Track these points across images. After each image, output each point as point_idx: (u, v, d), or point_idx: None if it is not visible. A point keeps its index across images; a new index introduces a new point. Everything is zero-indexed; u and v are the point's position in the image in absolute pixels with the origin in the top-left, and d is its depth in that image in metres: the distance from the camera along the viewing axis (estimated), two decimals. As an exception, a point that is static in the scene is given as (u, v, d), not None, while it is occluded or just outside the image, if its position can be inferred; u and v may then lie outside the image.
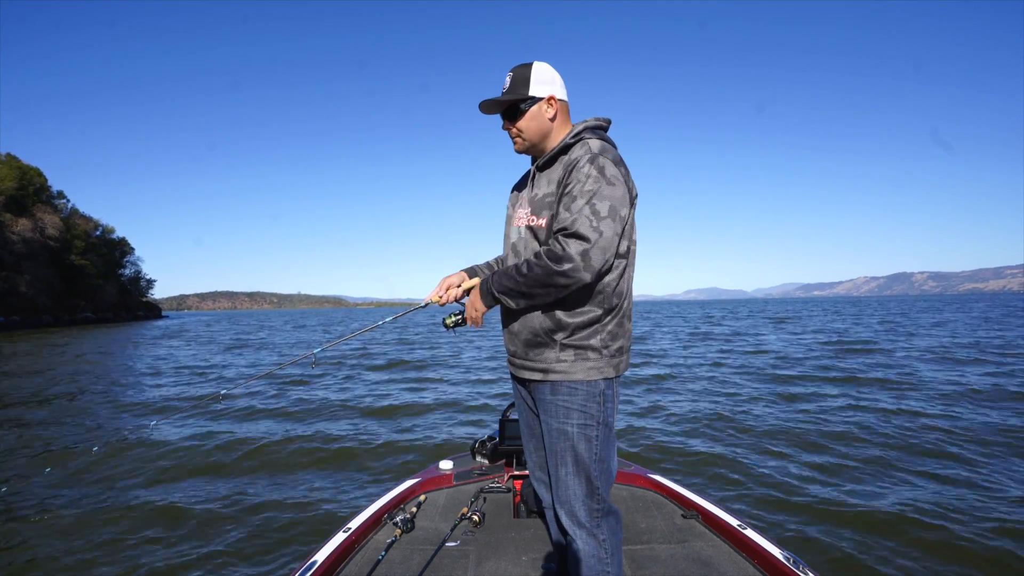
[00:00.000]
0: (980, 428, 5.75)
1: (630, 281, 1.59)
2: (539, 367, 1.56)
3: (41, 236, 55.73)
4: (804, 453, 5.00)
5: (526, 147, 1.65)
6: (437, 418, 7.03)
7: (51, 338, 29.05)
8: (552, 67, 1.64)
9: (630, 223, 1.54)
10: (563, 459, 1.55)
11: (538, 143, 1.64)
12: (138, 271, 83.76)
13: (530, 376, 1.59)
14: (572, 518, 1.57)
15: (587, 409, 1.53)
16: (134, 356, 17.82)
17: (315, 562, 2.02)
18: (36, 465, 5.20)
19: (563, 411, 1.54)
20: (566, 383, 1.53)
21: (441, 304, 1.75)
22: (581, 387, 1.52)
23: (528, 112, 1.61)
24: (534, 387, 1.61)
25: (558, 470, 1.57)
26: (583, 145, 1.54)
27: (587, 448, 1.53)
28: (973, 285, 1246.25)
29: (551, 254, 1.42)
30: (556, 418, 1.55)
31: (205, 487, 4.57)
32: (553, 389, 1.54)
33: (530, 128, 1.62)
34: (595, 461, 1.54)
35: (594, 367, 1.53)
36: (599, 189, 1.43)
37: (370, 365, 13.24)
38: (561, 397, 1.53)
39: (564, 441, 1.54)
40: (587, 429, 1.53)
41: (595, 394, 1.53)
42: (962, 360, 11.48)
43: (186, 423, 6.86)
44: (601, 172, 1.45)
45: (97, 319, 63.18)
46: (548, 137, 1.63)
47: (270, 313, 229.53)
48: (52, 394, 9.60)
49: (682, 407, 7.25)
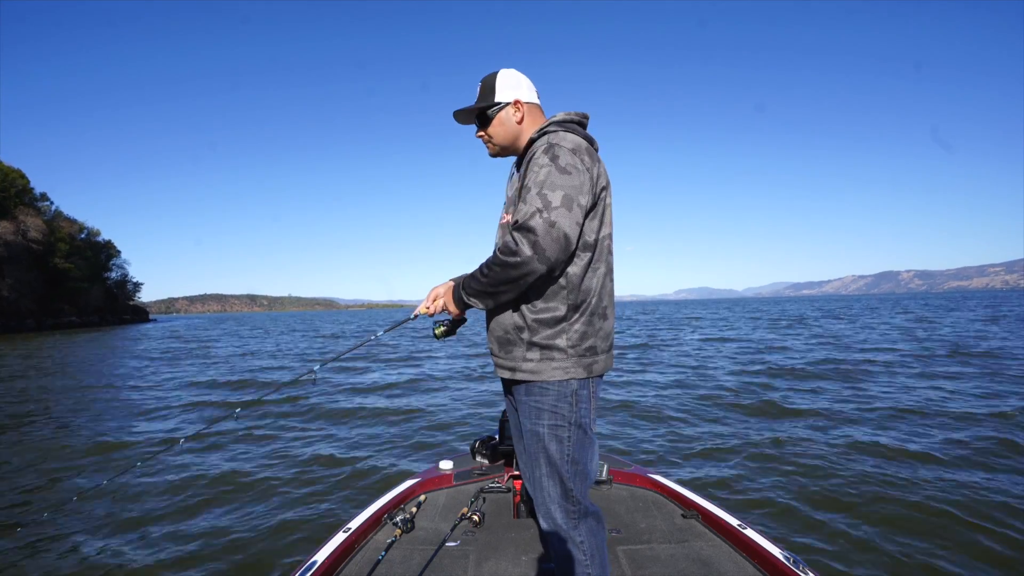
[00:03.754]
0: (988, 428, 5.82)
1: (602, 278, 1.54)
2: (508, 365, 1.55)
3: (23, 239, 54.84)
4: (805, 453, 5.02)
5: (497, 151, 1.70)
6: (436, 418, 6.99)
7: (27, 345, 28.12)
8: (519, 72, 1.67)
9: (600, 216, 1.52)
10: (536, 460, 1.55)
11: (509, 146, 1.68)
12: (125, 274, 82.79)
13: (501, 374, 1.60)
14: (549, 520, 1.56)
15: (558, 409, 1.51)
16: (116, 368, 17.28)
17: (315, 562, 2.01)
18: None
19: (535, 411, 1.53)
20: (537, 383, 1.52)
21: (430, 315, 1.72)
22: (552, 387, 1.51)
23: (496, 117, 1.65)
24: (513, 388, 1.60)
25: (533, 471, 1.57)
26: (543, 138, 1.54)
27: (558, 449, 1.52)
28: (958, 283, 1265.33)
29: (504, 249, 1.42)
30: (529, 418, 1.55)
31: (204, 487, 4.52)
32: (527, 390, 1.54)
33: (498, 132, 1.66)
34: (567, 463, 1.52)
35: (560, 367, 1.50)
36: (551, 179, 1.42)
37: (370, 364, 13.18)
38: (534, 398, 1.53)
39: (536, 442, 1.54)
40: (558, 430, 1.52)
41: (566, 395, 1.51)
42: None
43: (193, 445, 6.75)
44: (554, 161, 1.44)
45: (82, 323, 62.25)
46: (518, 139, 1.67)
47: (260, 316, 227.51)
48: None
49: (682, 407, 7.27)
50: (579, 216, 1.43)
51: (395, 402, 8.29)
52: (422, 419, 6.98)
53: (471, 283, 1.52)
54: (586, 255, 1.49)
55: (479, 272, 1.50)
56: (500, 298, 1.48)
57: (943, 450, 4.94)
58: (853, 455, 4.88)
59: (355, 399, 8.63)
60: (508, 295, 1.47)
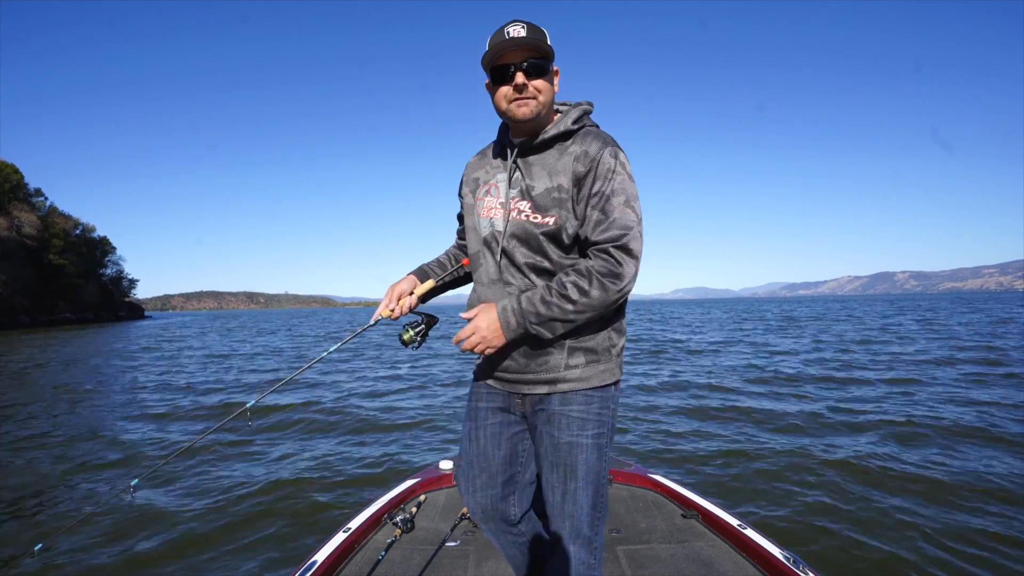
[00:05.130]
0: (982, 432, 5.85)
1: None
2: (545, 378, 1.38)
3: (18, 235, 54.52)
4: (805, 454, 5.03)
5: (536, 112, 1.35)
6: (436, 418, 6.98)
7: (15, 343, 27.79)
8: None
9: None
10: (573, 472, 1.40)
11: (542, 115, 1.37)
12: (120, 271, 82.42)
13: (531, 390, 1.41)
14: (576, 531, 1.43)
15: (603, 417, 1.41)
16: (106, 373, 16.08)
17: (315, 562, 2.00)
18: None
19: (577, 422, 1.38)
20: (581, 392, 1.38)
21: (394, 318, 1.52)
22: (596, 394, 1.39)
23: (549, 74, 1.36)
24: (532, 399, 1.43)
25: (566, 483, 1.41)
26: (596, 135, 1.36)
27: (598, 458, 1.41)
28: (952, 284, 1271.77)
29: (609, 272, 1.27)
30: (568, 431, 1.39)
31: (203, 488, 4.50)
32: (565, 399, 1.39)
33: (547, 93, 1.36)
34: (604, 471, 1.44)
35: (607, 370, 1.40)
36: (632, 189, 1.32)
37: (368, 365, 13.14)
38: (575, 407, 1.38)
39: (577, 454, 1.39)
40: (601, 439, 1.41)
41: (608, 400, 1.41)
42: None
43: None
44: (624, 167, 1.33)
45: (76, 319, 61.95)
46: (547, 112, 1.39)
47: (255, 313, 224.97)
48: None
49: (683, 407, 7.28)
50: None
51: (395, 402, 8.27)
52: (421, 419, 6.97)
53: (540, 308, 1.29)
54: None
55: (558, 297, 1.28)
56: (576, 324, 1.31)
57: (942, 451, 4.97)
58: (854, 455, 4.90)
59: (355, 398, 8.60)
60: (585, 322, 1.31)
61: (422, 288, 1.58)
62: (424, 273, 1.65)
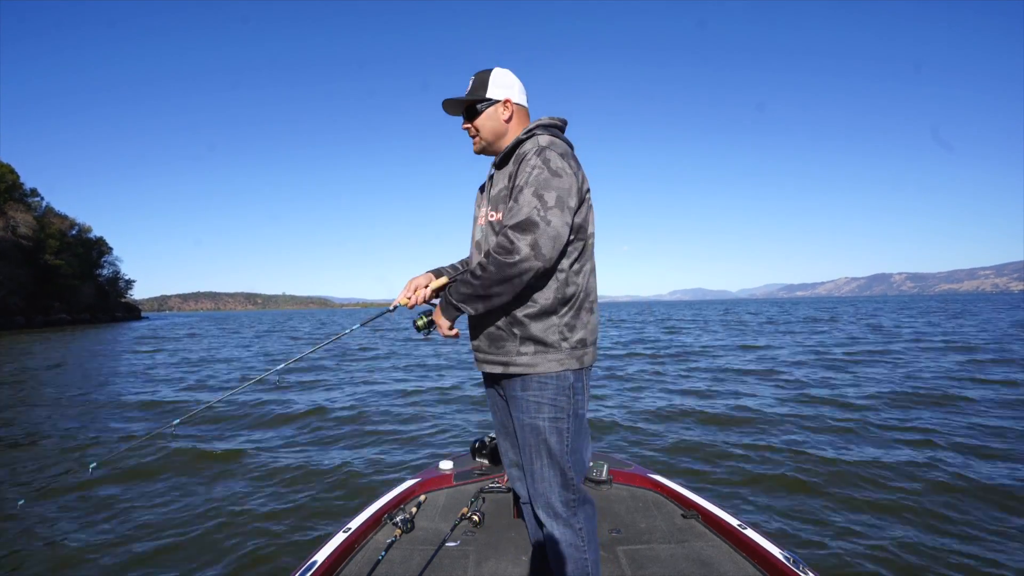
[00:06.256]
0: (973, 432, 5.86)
1: (588, 275, 1.61)
2: (500, 360, 1.58)
3: (13, 235, 54.24)
4: (805, 454, 5.04)
5: (482, 146, 1.72)
6: (436, 418, 6.98)
7: (8, 343, 27.62)
8: (513, 73, 1.71)
9: (584, 216, 1.58)
10: (537, 453, 1.58)
11: (493, 142, 1.71)
12: (116, 271, 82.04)
13: (491, 370, 1.61)
14: (549, 510, 1.60)
15: (557, 402, 1.56)
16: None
17: (315, 562, 2.00)
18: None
19: (534, 406, 1.56)
20: (536, 378, 1.55)
21: (410, 307, 1.73)
22: (551, 381, 1.55)
23: (484, 112, 1.68)
24: (505, 383, 1.63)
25: (532, 464, 1.59)
26: (532, 140, 1.61)
27: (559, 441, 1.57)
28: (948, 286, 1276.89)
29: (500, 248, 1.44)
30: (527, 413, 1.57)
31: (201, 489, 4.49)
32: (523, 384, 1.57)
33: (485, 127, 1.69)
34: (567, 453, 1.58)
35: (555, 359, 1.55)
36: (545, 180, 1.47)
37: (367, 365, 13.13)
38: (532, 392, 1.56)
39: (536, 435, 1.57)
40: (558, 422, 1.57)
41: (565, 387, 1.56)
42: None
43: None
44: (546, 163, 1.49)
45: (72, 320, 61.63)
46: (503, 137, 1.70)
47: (250, 314, 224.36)
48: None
49: (683, 407, 7.29)
50: (569, 217, 1.49)
51: (395, 402, 8.27)
52: (421, 419, 6.96)
53: (461, 287, 1.52)
54: (574, 253, 1.57)
55: (471, 275, 1.49)
56: (494, 301, 1.49)
57: (942, 452, 4.99)
58: (853, 456, 4.91)
59: (354, 399, 8.59)
60: (503, 297, 1.48)
61: (436, 283, 1.77)
62: (440, 272, 1.84)
